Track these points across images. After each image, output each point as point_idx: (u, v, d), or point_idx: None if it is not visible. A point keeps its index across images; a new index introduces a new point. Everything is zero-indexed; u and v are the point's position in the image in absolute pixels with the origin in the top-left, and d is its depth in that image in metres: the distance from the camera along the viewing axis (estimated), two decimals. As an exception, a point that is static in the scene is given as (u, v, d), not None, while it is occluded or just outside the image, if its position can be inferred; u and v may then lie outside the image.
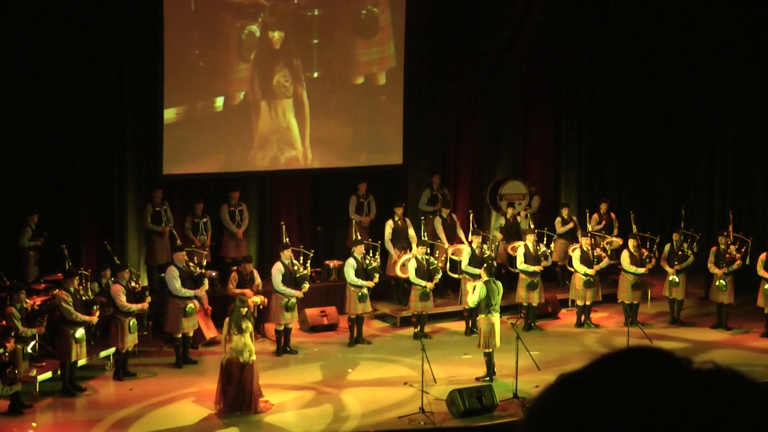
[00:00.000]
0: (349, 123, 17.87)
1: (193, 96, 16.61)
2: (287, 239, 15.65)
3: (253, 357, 12.47)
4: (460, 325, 16.22)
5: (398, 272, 16.50)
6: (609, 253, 16.98)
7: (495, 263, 15.01)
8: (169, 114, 16.45)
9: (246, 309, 12.60)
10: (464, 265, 16.09)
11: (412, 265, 15.74)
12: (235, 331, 12.38)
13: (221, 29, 16.66)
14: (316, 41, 17.40)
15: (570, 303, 16.96)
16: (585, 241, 16.47)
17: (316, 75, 17.47)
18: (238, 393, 12.37)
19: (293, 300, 14.95)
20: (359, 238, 16.21)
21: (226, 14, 16.67)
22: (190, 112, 16.63)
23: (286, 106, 17.32)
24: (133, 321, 13.78)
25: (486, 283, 13.70)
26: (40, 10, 15.45)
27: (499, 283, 14.00)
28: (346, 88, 17.79)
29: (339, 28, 17.57)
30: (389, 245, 16.97)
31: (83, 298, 13.36)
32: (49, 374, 13.18)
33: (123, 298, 13.65)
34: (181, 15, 16.32)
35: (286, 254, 15.13)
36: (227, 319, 12.65)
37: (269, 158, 17.36)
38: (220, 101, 16.84)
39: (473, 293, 13.78)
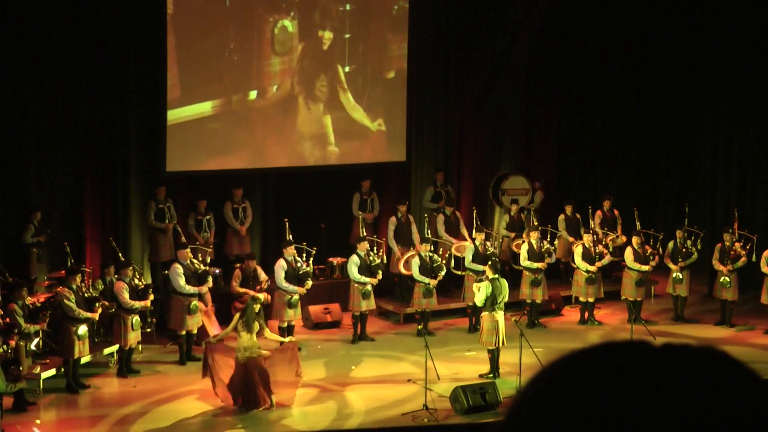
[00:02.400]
0: (383, 118, 18.00)
1: (224, 90, 16.71)
2: (290, 236, 15.64)
3: (249, 354, 12.37)
4: (463, 322, 16.21)
5: (402, 269, 16.49)
6: (612, 250, 16.96)
7: (499, 260, 14.99)
8: (205, 107, 16.58)
9: (259, 307, 12.62)
10: (468, 262, 16.07)
11: (415, 263, 15.74)
12: (243, 328, 12.38)
13: (255, 23, 16.78)
14: (348, 36, 17.53)
15: (573, 300, 16.95)
16: (587, 238, 16.45)
17: (348, 69, 17.59)
18: (243, 389, 12.37)
19: (296, 297, 14.94)
20: (363, 235, 16.21)
21: (260, 8, 16.80)
22: (226, 106, 16.77)
23: (318, 102, 17.44)
24: (136, 318, 13.78)
25: (492, 280, 13.69)
26: (43, 7, 15.43)
27: (504, 281, 13.97)
28: (379, 83, 17.91)
29: (372, 24, 17.73)
30: (393, 242, 16.96)
31: (85, 295, 13.37)
32: (52, 371, 13.20)
33: (126, 295, 13.65)
34: (214, 8, 16.52)
35: (289, 251, 15.13)
36: (238, 314, 12.66)
37: (297, 154, 17.46)
38: (253, 94, 16.97)
39: (479, 293, 13.75)
